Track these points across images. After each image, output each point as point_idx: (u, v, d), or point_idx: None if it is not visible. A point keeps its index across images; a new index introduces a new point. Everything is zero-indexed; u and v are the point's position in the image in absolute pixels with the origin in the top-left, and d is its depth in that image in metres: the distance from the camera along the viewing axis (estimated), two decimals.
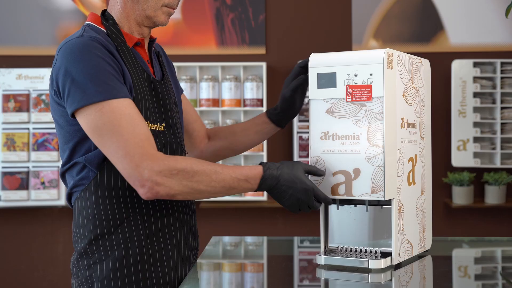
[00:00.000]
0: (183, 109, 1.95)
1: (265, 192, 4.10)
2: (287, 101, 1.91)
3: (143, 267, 1.67)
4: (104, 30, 1.70)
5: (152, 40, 1.81)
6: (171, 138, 1.74)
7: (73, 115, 1.59)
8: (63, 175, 1.71)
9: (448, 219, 4.27)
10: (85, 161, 1.64)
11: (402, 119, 1.67)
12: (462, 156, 4.16)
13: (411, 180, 1.72)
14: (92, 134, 1.57)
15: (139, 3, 1.71)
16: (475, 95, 4.17)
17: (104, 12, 1.76)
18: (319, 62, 1.69)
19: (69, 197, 1.72)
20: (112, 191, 1.64)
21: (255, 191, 1.65)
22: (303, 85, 1.88)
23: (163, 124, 1.72)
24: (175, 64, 4.00)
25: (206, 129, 2.04)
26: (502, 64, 4.14)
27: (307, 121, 4.04)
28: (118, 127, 1.54)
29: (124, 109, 1.56)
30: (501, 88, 4.14)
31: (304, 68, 1.86)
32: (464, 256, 2.05)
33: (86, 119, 1.57)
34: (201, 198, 1.63)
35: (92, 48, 1.59)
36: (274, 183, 1.63)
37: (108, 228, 1.65)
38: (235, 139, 2.01)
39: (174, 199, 1.60)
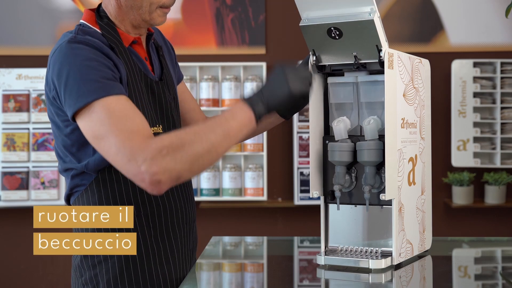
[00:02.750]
0: (181, 98, 1.88)
1: (265, 192, 4.08)
2: None
3: (149, 266, 1.67)
4: (98, 30, 1.66)
5: (150, 34, 1.78)
6: None
7: (74, 120, 1.55)
8: (62, 172, 1.70)
9: (448, 219, 4.27)
10: (85, 169, 1.62)
11: (402, 119, 1.67)
12: (462, 156, 4.15)
13: (411, 180, 1.72)
14: (88, 136, 1.52)
15: (133, 8, 1.67)
16: (475, 95, 4.16)
17: (99, 8, 1.71)
18: None
19: (68, 197, 1.70)
20: (116, 191, 1.63)
21: (257, 119, 1.54)
22: None
23: (160, 126, 1.70)
24: None
25: (206, 118, 1.96)
26: (502, 64, 4.13)
27: (307, 121, 4.03)
28: (108, 125, 1.48)
29: (114, 105, 1.50)
30: (501, 88, 4.14)
31: None
32: (464, 256, 2.05)
33: (83, 122, 1.52)
34: (208, 163, 1.48)
35: (82, 51, 1.55)
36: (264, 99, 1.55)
37: None
38: None
39: (180, 181, 1.48)
